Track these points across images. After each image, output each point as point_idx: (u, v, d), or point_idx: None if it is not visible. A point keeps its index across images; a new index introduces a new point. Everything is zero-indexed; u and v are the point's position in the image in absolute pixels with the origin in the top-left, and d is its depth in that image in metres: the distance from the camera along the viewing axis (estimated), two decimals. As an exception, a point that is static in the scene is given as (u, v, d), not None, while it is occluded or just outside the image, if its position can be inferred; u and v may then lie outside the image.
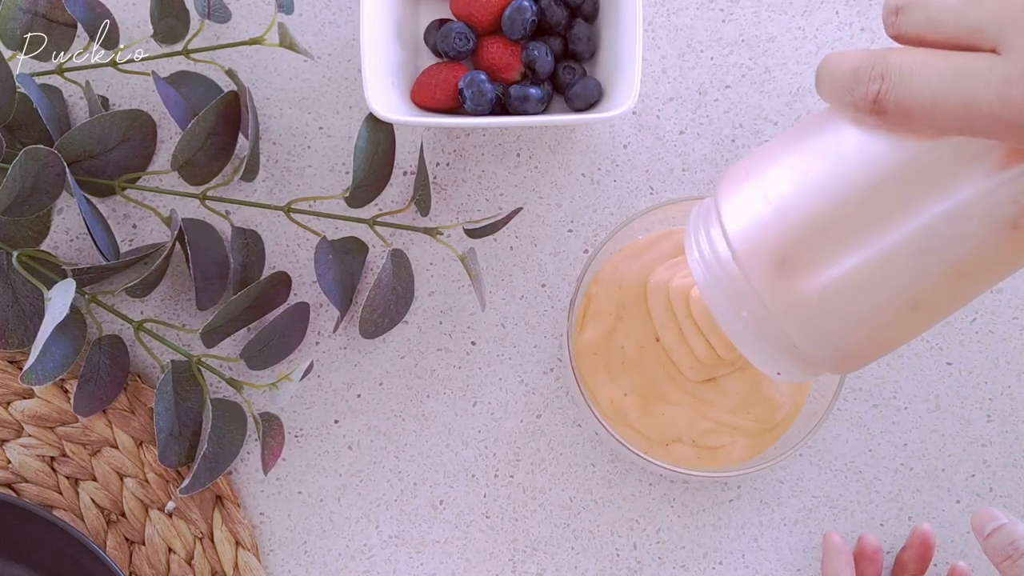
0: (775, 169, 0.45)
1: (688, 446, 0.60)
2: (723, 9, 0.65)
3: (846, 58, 0.42)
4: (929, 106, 0.39)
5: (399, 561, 0.63)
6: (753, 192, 0.45)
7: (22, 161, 0.53)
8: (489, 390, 0.64)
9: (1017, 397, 0.64)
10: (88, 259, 0.64)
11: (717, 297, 0.47)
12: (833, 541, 0.61)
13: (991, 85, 0.37)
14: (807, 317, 0.44)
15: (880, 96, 0.40)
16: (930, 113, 0.39)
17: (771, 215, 0.44)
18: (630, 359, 0.60)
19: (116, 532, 0.62)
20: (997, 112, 0.37)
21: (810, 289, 0.44)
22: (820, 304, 0.44)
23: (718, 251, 0.46)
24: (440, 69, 0.62)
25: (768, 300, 0.45)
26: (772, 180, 0.44)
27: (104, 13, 0.61)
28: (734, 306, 0.46)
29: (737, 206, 0.46)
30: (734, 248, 0.45)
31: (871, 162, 0.42)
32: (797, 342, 0.45)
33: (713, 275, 0.47)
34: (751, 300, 0.45)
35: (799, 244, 0.43)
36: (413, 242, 0.64)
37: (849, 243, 0.43)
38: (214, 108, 0.59)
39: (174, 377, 0.60)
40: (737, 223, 0.45)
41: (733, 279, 0.45)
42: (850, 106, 0.41)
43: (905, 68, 0.39)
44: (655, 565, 0.63)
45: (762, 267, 0.44)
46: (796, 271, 0.44)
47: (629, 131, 0.65)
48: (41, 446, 0.62)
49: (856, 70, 0.41)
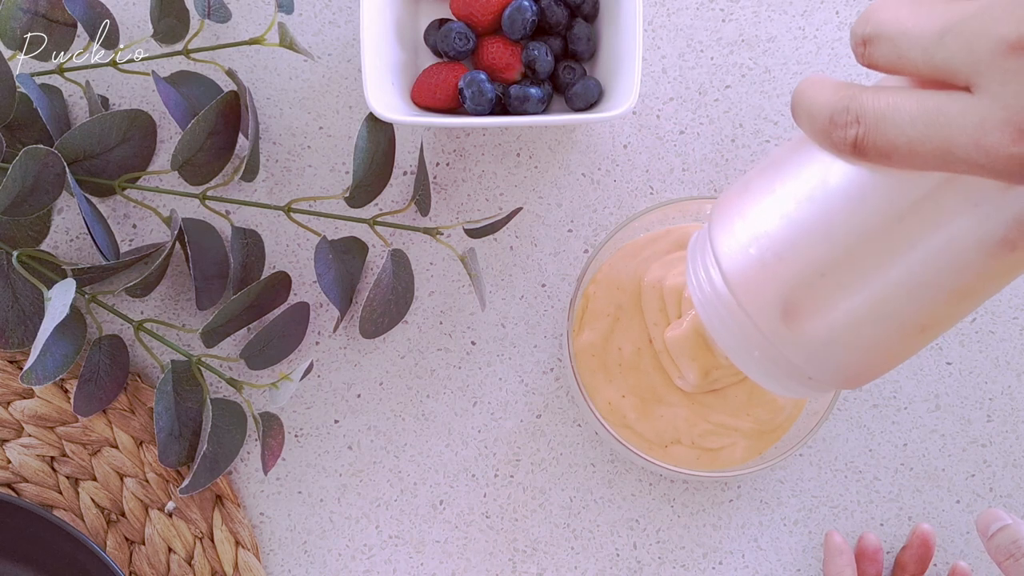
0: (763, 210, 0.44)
1: (687, 447, 0.60)
2: (723, 9, 0.65)
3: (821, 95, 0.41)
4: (907, 151, 0.38)
5: (399, 561, 0.63)
6: (744, 233, 0.45)
7: (22, 161, 0.53)
8: (489, 390, 0.64)
9: (1017, 397, 0.64)
10: (88, 259, 0.64)
11: (724, 336, 0.47)
12: (834, 541, 0.61)
13: (965, 131, 0.36)
14: (819, 353, 0.44)
15: (858, 140, 0.39)
16: (909, 156, 0.38)
17: (768, 260, 0.44)
18: (627, 361, 0.60)
19: (116, 532, 0.62)
20: (974, 158, 0.36)
21: (818, 329, 0.44)
22: (829, 341, 0.44)
23: (719, 293, 0.46)
24: (440, 69, 0.62)
25: (778, 344, 0.45)
26: (763, 224, 0.44)
27: (104, 13, 0.61)
28: (745, 346, 0.46)
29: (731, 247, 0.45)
30: (736, 292, 0.45)
31: (859, 200, 0.41)
32: (811, 375, 0.45)
33: (720, 318, 0.46)
34: (761, 343, 0.45)
35: (799, 289, 0.43)
36: (413, 242, 0.64)
37: (850, 284, 0.43)
38: (214, 108, 0.59)
39: (174, 377, 0.60)
40: (734, 266, 0.45)
41: (741, 324, 0.45)
42: (830, 146, 0.41)
43: (879, 112, 0.38)
44: (655, 565, 0.63)
45: (766, 313, 0.44)
46: (801, 315, 0.44)
47: (629, 131, 0.65)
48: (41, 446, 0.62)
49: (833, 113, 0.40)
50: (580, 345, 0.60)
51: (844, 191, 0.42)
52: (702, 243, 0.48)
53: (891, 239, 0.41)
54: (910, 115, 0.37)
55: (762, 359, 0.46)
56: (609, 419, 0.59)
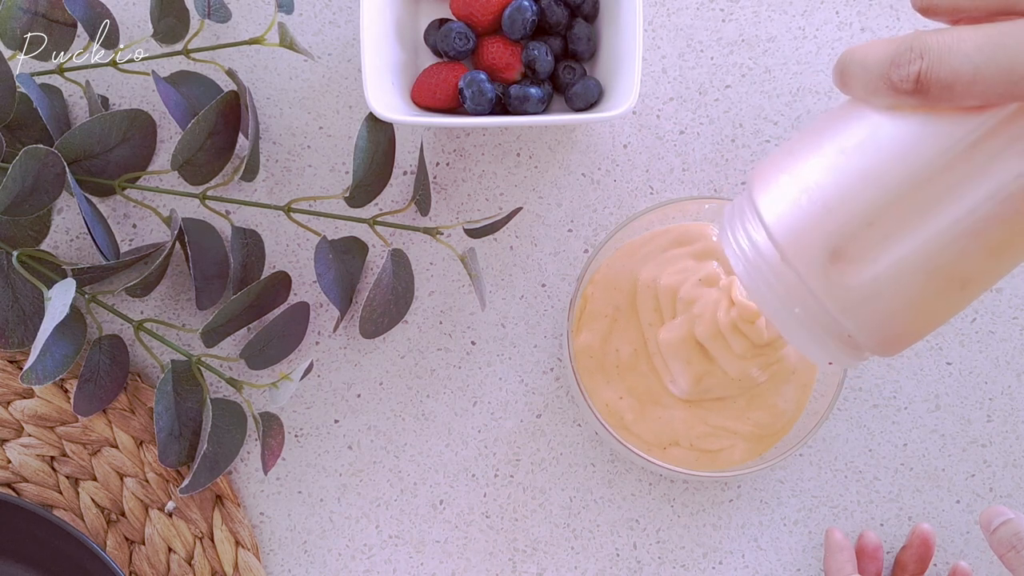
0: (810, 166, 0.45)
1: (686, 449, 0.59)
2: (723, 9, 0.65)
3: (876, 46, 0.42)
4: (971, 78, 0.39)
5: (399, 561, 0.63)
6: (792, 187, 0.45)
7: (22, 161, 0.53)
8: (489, 390, 0.64)
9: (1017, 397, 0.64)
10: (88, 259, 0.64)
11: (766, 296, 0.47)
12: (835, 537, 0.61)
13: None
14: (862, 307, 0.45)
15: (922, 75, 0.40)
16: (973, 84, 0.39)
17: (817, 210, 0.44)
18: (624, 363, 0.60)
19: (116, 532, 0.62)
20: None
21: (863, 280, 0.44)
22: (874, 293, 0.44)
23: (762, 251, 0.46)
24: (440, 69, 0.62)
25: (822, 295, 0.45)
26: (810, 176, 0.45)
27: (104, 13, 0.61)
28: (785, 303, 0.46)
29: (776, 203, 0.45)
30: (781, 246, 0.45)
31: (910, 152, 0.42)
32: (852, 331, 0.45)
33: (760, 274, 0.46)
34: (804, 296, 0.45)
35: (848, 238, 0.44)
36: (413, 242, 0.64)
37: (897, 233, 0.43)
38: (214, 108, 0.59)
39: (174, 377, 0.60)
40: (780, 221, 0.45)
41: (782, 277, 0.45)
42: (889, 90, 0.42)
43: (943, 45, 0.40)
44: (655, 565, 0.63)
45: (813, 264, 0.44)
46: (847, 265, 0.44)
47: (629, 131, 0.65)
48: (41, 446, 0.62)
49: (895, 54, 0.41)
50: (579, 346, 0.60)
51: (895, 140, 0.43)
52: (739, 209, 0.48)
53: (940, 186, 0.42)
54: (975, 43, 0.39)
55: (804, 316, 0.46)
56: (608, 420, 0.59)
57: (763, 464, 0.58)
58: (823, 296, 0.45)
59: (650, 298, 0.59)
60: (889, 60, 0.41)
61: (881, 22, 0.65)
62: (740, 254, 0.47)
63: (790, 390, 0.60)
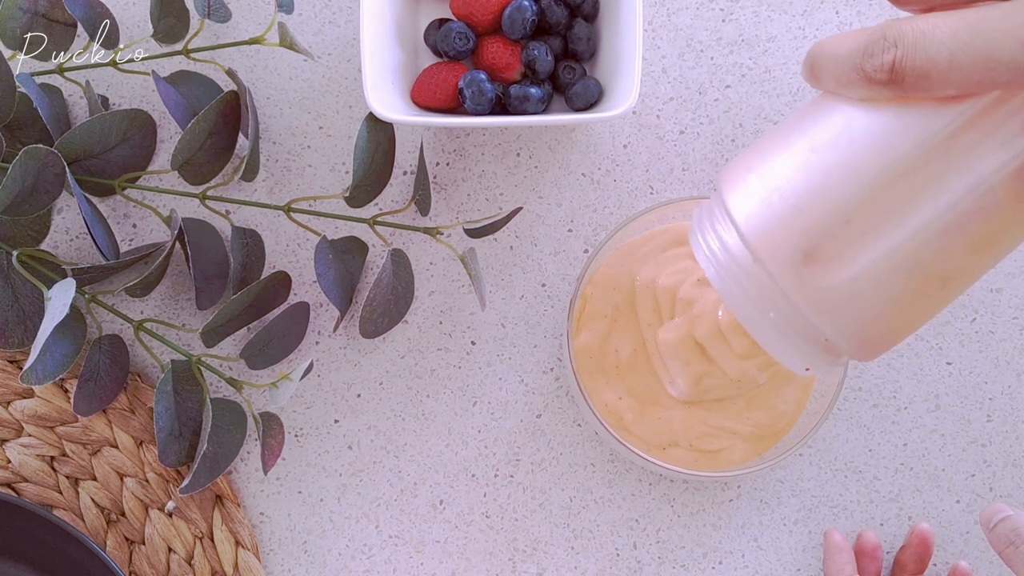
0: (782, 163, 0.43)
1: (686, 450, 0.59)
2: (723, 9, 0.65)
3: (848, 37, 0.41)
4: (947, 65, 0.37)
5: (399, 561, 0.63)
6: (762, 187, 0.43)
7: (22, 161, 0.53)
8: (489, 390, 0.64)
9: (1017, 397, 0.64)
10: (88, 259, 0.64)
11: (739, 299, 0.45)
12: (834, 539, 0.61)
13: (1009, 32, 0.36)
14: (838, 308, 0.43)
15: (896, 63, 0.38)
16: (949, 71, 0.37)
17: (788, 210, 0.43)
18: (624, 363, 0.60)
19: (116, 532, 0.62)
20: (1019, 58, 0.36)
21: (839, 280, 0.42)
22: (851, 294, 0.42)
23: (733, 252, 0.44)
24: (440, 69, 0.62)
25: (796, 297, 0.43)
26: (781, 174, 0.43)
27: (104, 13, 0.61)
28: (759, 307, 0.45)
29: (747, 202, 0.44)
30: (752, 246, 0.43)
31: (886, 145, 0.41)
32: (828, 334, 0.44)
33: (732, 277, 0.45)
34: (777, 300, 0.44)
35: (823, 237, 0.42)
36: (413, 242, 0.64)
37: (874, 229, 0.42)
38: (214, 108, 0.59)
39: (174, 377, 0.60)
40: (750, 221, 0.44)
41: (755, 281, 0.44)
42: (862, 81, 0.40)
43: (918, 32, 0.38)
44: (655, 565, 0.63)
45: (786, 265, 0.43)
46: (823, 265, 0.42)
47: (629, 131, 0.65)
48: (41, 446, 0.62)
49: (867, 43, 0.39)
50: (578, 347, 0.60)
51: (869, 133, 0.41)
52: (709, 210, 0.46)
53: (918, 180, 0.41)
54: (950, 29, 0.37)
55: (778, 320, 0.44)
56: (607, 420, 0.59)
57: (763, 464, 0.58)
58: (797, 298, 0.43)
59: (649, 298, 0.59)
60: (862, 50, 0.40)
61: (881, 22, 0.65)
62: (711, 256, 0.46)
63: (790, 391, 0.60)
